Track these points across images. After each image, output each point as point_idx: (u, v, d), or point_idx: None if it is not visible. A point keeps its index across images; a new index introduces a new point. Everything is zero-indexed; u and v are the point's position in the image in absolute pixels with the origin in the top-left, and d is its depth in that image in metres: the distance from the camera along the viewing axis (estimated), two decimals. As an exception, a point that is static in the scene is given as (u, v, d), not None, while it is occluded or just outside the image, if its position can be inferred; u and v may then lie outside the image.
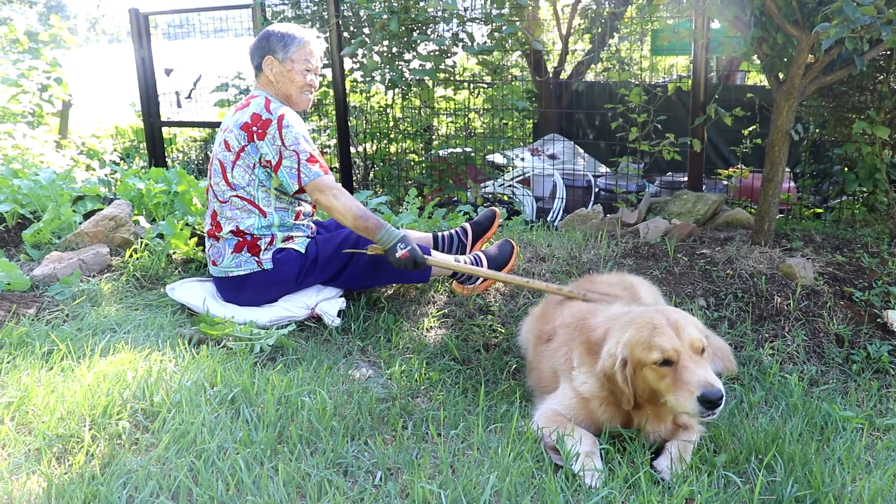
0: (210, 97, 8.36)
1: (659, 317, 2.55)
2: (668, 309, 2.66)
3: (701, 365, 2.44)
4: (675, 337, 2.47)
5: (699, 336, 2.49)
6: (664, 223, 4.73)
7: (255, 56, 3.67)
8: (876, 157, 4.57)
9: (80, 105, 11.93)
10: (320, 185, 3.50)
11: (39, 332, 3.23)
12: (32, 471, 2.24)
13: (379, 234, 3.46)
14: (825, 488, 2.29)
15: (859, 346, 3.54)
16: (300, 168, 3.48)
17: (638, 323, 2.56)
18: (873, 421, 2.89)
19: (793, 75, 4.01)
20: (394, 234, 3.47)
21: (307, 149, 3.50)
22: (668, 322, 2.52)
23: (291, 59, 3.63)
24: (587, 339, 2.74)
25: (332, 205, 3.48)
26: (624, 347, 2.52)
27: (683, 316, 2.58)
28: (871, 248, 4.29)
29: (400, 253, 3.44)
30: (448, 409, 2.83)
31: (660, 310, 2.63)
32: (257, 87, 3.71)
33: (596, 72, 9.53)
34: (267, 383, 2.81)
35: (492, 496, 2.20)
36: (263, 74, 3.66)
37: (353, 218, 3.47)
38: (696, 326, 2.55)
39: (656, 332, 2.49)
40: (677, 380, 2.42)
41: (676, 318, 2.53)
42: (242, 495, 2.15)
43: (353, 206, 3.48)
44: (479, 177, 7.46)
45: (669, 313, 2.58)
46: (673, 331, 2.49)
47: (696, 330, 2.52)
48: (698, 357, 2.46)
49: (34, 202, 4.74)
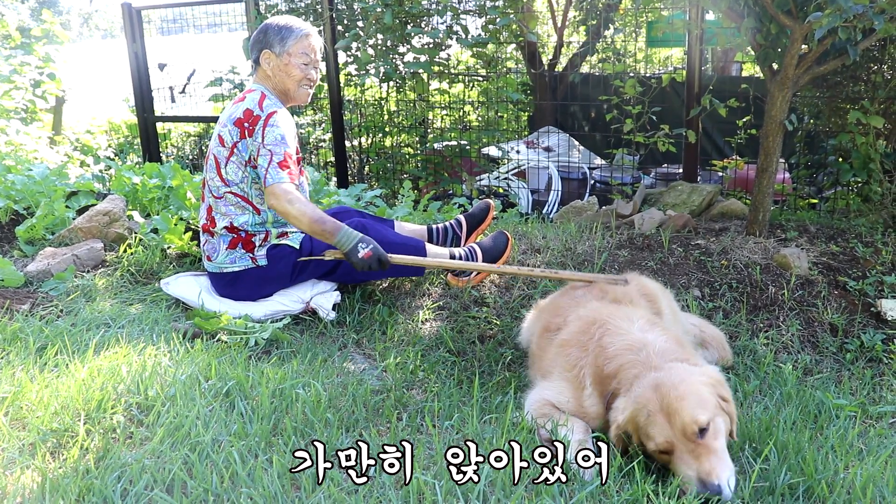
0: (204, 92, 8.34)
1: (654, 399, 2.34)
2: (668, 381, 2.37)
3: (696, 454, 2.25)
4: (666, 426, 2.29)
5: (693, 419, 2.26)
6: (659, 214, 4.73)
7: (252, 49, 3.63)
8: (870, 147, 4.57)
9: (74, 101, 11.90)
10: (276, 190, 3.38)
11: (33, 328, 3.22)
12: (27, 465, 2.23)
13: (337, 236, 3.37)
14: (818, 475, 2.29)
15: (853, 335, 3.55)
16: (268, 168, 3.41)
17: (638, 403, 2.37)
18: (866, 409, 2.91)
19: (787, 65, 4.01)
20: (353, 236, 3.37)
21: (282, 152, 3.44)
22: (660, 406, 2.31)
23: (289, 52, 3.57)
24: (601, 367, 2.59)
25: (287, 210, 3.37)
26: (626, 423, 2.40)
27: (681, 390, 2.34)
28: (866, 238, 4.29)
29: (362, 252, 3.34)
30: (443, 400, 2.83)
31: (658, 384, 2.38)
32: (255, 81, 3.68)
33: (591, 64, 9.52)
34: (261, 376, 2.81)
35: (486, 486, 2.21)
36: (261, 69, 3.62)
37: (310, 222, 3.36)
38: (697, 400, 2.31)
39: (650, 421, 2.32)
40: (676, 469, 2.29)
41: (671, 399, 2.31)
42: (237, 487, 2.16)
43: (307, 211, 3.36)
44: (475, 170, 7.46)
45: (665, 390, 2.34)
46: (665, 418, 2.30)
47: (692, 409, 2.28)
48: (693, 445, 2.26)
49: (27, 198, 4.73)
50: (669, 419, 2.29)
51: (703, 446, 2.25)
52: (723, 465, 2.23)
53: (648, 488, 2.19)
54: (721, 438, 2.30)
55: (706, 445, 2.25)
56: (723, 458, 2.25)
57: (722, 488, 2.18)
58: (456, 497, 2.14)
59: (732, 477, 2.23)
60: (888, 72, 4.78)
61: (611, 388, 2.52)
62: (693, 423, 2.26)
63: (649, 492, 2.18)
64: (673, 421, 2.28)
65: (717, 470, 2.21)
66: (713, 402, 2.34)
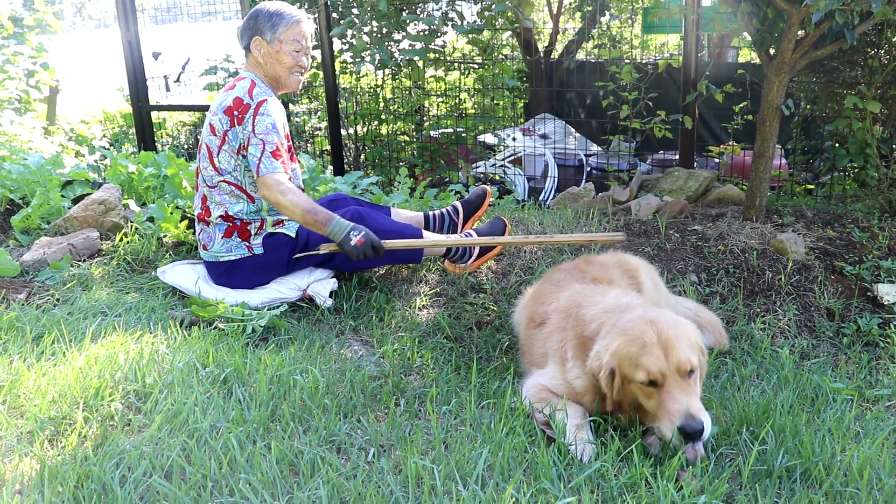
0: (199, 81, 8.30)
1: (650, 332, 2.41)
2: (662, 319, 2.47)
3: (686, 391, 2.34)
4: (662, 358, 2.35)
5: (688, 358, 2.36)
6: (656, 200, 4.73)
7: (243, 36, 3.59)
8: (867, 132, 4.56)
9: (68, 91, 11.84)
10: (268, 180, 3.37)
11: (30, 317, 3.22)
12: (25, 453, 2.24)
13: (329, 226, 3.36)
14: (815, 458, 2.30)
15: (850, 319, 3.56)
16: (261, 158, 3.39)
17: (629, 334, 2.44)
18: (863, 392, 2.91)
19: (783, 50, 4.00)
20: (344, 225, 3.36)
21: (275, 141, 3.42)
22: (658, 339, 2.38)
23: (280, 39, 3.53)
24: (580, 333, 2.65)
25: (280, 201, 3.36)
26: (612, 357, 2.43)
27: (677, 329, 2.44)
28: (862, 223, 4.30)
29: (355, 240, 3.33)
30: (440, 386, 2.84)
31: (653, 320, 2.46)
32: (246, 69, 3.65)
33: (587, 50, 9.49)
34: (259, 363, 2.82)
35: (484, 471, 2.21)
36: (252, 55, 3.59)
37: (302, 213, 3.35)
38: (688, 342, 2.42)
39: (644, 351, 2.37)
40: (661, 404, 2.35)
41: (668, 335, 2.39)
42: (235, 473, 2.16)
43: (300, 202, 3.36)
44: (471, 157, 7.45)
45: (662, 327, 2.42)
46: (661, 350, 2.36)
47: (686, 349, 2.38)
48: (684, 382, 2.35)
49: (23, 187, 4.71)
50: (666, 353, 2.37)
51: (690, 386, 2.37)
52: (702, 408, 2.35)
53: (647, 472, 2.20)
54: (700, 385, 2.45)
55: (691, 386, 2.38)
56: (699, 401, 2.38)
57: (706, 427, 2.29)
58: (454, 481, 2.15)
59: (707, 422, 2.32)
60: (885, 56, 4.77)
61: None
62: (687, 362, 2.37)
63: (647, 475, 2.19)
64: (669, 355, 2.36)
65: (700, 410, 2.32)
66: (699, 349, 2.47)
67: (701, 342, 2.50)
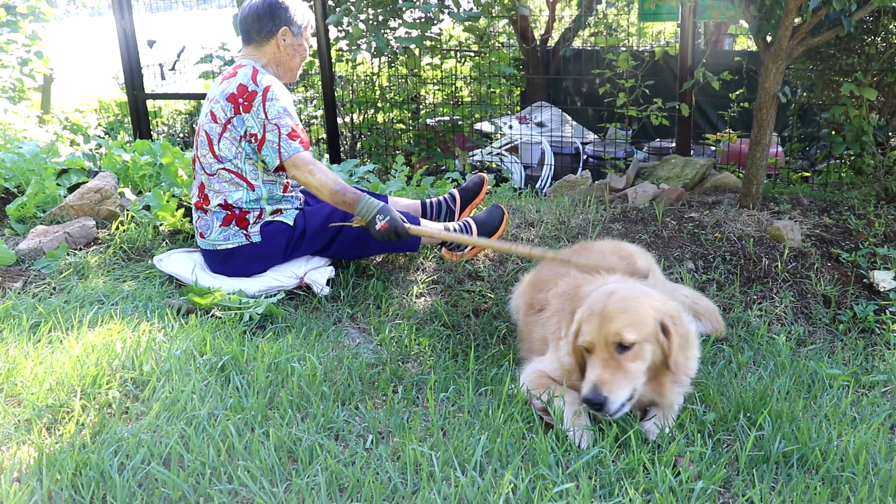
0: (194, 69, 8.27)
1: (601, 302, 2.44)
2: (621, 293, 2.49)
3: (606, 364, 2.36)
4: (596, 328, 2.39)
5: (617, 332, 2.35)
6: (653, 188, 4.73)
7: (265, 23, 3.55)
8: (863, 119, 4.56)
9: (62, 79, 11.79)
10: (296, 161, 3.43)
11: (26, 305, 3.21)
12: (23, 441, 2.23)
13: (358, 206, 3.42)
14: (812, 443, 2.31)
15: (846, 306, 3.57)
16: (280, 143, 3.42)
17: (589, 303, 2.49)
18: (859, 378, 2.92)
19: (781, 37, 3.99)
20: (372, 206, 3.42)
21: (289, 123, 3.45)
22: (602, 309, 2.41)
23: (304, 32, 3.64)
24: (573, 309, 2.66)
25: (308, 180, 3.42)
26: (575, 323, 2.49)
27: (626, 304, 2.42)
28: (858, 210, 4.30)
29: (380, 224, 3.39)
30: (438, 373, 2.84)
31: (612, 291, 2.49)
32: (245, 56, 3.63)
33: (583, 38, 9.46)
34: (257, 351, 2.81)
35: (483, 457, 2.22)
36: (270, 44, 3.58)
37: (331, 193, 3.41)
38: (632, 318, 2.38)
39: (588, 318, 2.42)
40: (586, 371, 2.41)
41: (612, 308, 2.40)
42: (234, 460, 2.16)
43: (329, 181, 3.41)
44: (467, 145, 7.44)
45: (613, 299, 2.44)
46: (599, 320, 2.39)
47: (622, 324, 2.36)
48: (608, 354, 2.36)
49: (18, 176, 4.69)
50: (601, 323, 2.38)
51: (617, 361, 2.36)
52: (622, 386, 2.33)
53: (644, 457, 2.21)
54: (639, 364, 2.38)
55: (619, 361, 2.36)
56: (629, 380, 2.35)
57: (608, 403, 2.30)
58: (453, 468, 2.15)
59: (626, 402, 2.34)
60: (882, 44, 4.77)
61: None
62: (616, 336, 2.35)
63: (645, 461, 2.20)
64: (603, 326, 2.37)
65: (612, 385, 2.32)
66: (650, 329, 2.40)
67: (669, 324, 2.42)
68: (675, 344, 2.41)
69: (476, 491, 2.04)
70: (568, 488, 2.08)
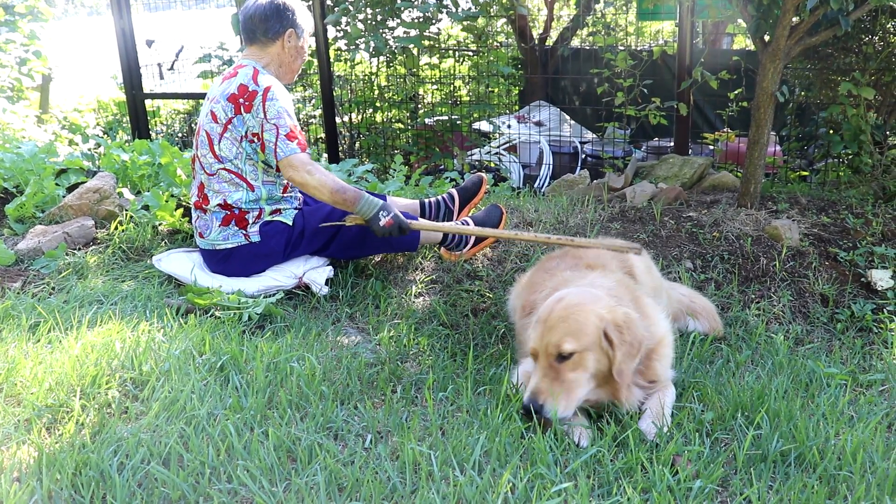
0: (193, 69, 8.27)
1: (547, 309, 2.48)
2: (567, 300, 2.51)
3: (545, 373, 2.39)
4: (538, 336, 2.44)
5: (557, 343, 2.39)
6: (651, 187, 4.73)
7: (272, 24, 3.57)
8: (861, 118, 4.57)
9: (61, 79, 11.79)
10: (293, 161, 3.42)
11: (25, 305, 3.21)
12: (23, 441, 2.24)
13: (359, 205, 3.43)
14: (809, 442, 2.32)
15: (844, 305, 3.58)
16: (277, 143, 3.42)
17: (542, 307, 2.54)
18: (856, 377, 2.93)
19: (778, 36, 4.00)
20: (374, 203, 3.44)
21: (288, 123, 3.45)
22: (546, 318, 2.45)
23: (304, 36, 3.68)
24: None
25: (306, 181, 3.41)
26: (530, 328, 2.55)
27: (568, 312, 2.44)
28: (856, 210, 4.31)
29: (384, 221, 3.42)
30: (437, 372, 2.85)
31: (560, 298, 2.52)
32: (247, 56, 3.63)
33: (581, 37, 9.47)
34: (256, 350, 2.82)
35: (481, 456, 2.23)
36: (276, 44, 3.60)
37: (331, 192, 3.41)
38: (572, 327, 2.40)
39: (535, 325, 2.48)
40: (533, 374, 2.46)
41: (555, 317, 2.44)
42: (233, 460, 2.17)
43: (328, 181, 3.42)
44: (466, 144, 7.44)
45: (559, 307, 2.47)
46: (542, 328, 2.44)
47: (561, 334, 2.39)
48: (546, 363, 2.40)
49: (16, 176, 4.69)
50: (543, 332, 2.42)
51: (556, 370, 2.39)
52: (559, 394, 2.36)
53: (643, 457, 2.21)
54: (581, 373, 2.41)
55: (559, 371, 2.39)
56: (567, 389, 2.38)
57: (545, 412, 2.35)
58: (452, 467, 2.16)
59: (564, 409, 2.37)
60: (879, 43, 4.77)
61: None
62: (555, 347, 2.39)
63: (643, 460, 2.21)
64: (545, 335, 2.41)
65: (548, 395, 2.36)
66: (592, 338, 2.41)
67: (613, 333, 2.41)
68: (620, 353, 2.42)
69: (475, 490, 2.05)
70: (566, 487, 2.08)
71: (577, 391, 2.41)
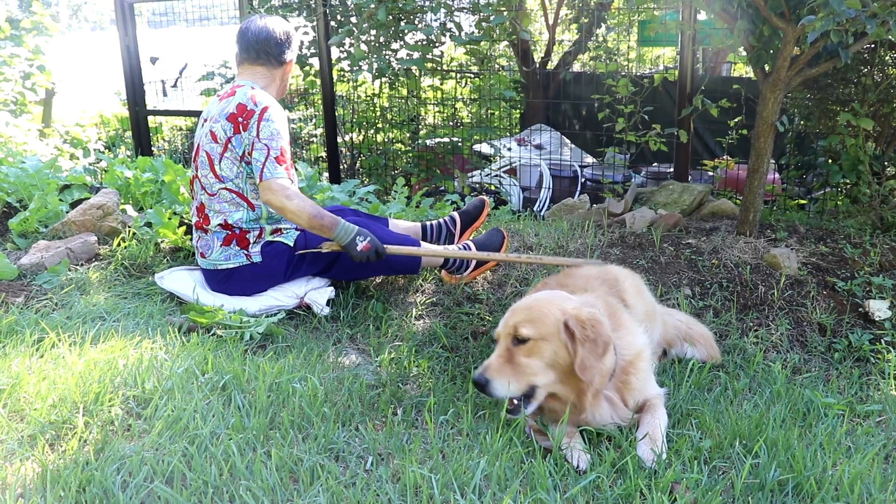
0: (196, 86, 8.32)
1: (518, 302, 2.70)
2: (540, 297, 2.70)
3: (499, 353, 2.55)
4: (503, 321, 2.61)
5: (514, 325, 2.54)
6: (650, 213, 4.77)
7: (284, 48, 3.66)
8: (859, 149, 4.62)
9: (64, 93, 11.83)
10: (272, 185, 3.40)
11: (29, 321, 3.22)
12: (26, 457, 2.25)
13: (336, 230, 3.43)
14: (807, 472, 2.34)
15: (841, 335, 3.60)
16: (265, 163, 3.43)
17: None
18: (854, 407, 2.95)
19: (779, 67, 4.05)
20: (350, 230, 3.44)
21: (279, 147, 3.46)
22: (514, 307, 2.65)
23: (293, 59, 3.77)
24: None
25: (285, 205, 3.39)
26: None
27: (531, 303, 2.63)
28: (854, 239, 4.35)
29: (361, 245, 3.43)
30: (437, 395, 2.86)
31: (535, 296, 2.72)
32: (244, 77, 3.67)
33: (583, 62, 9.56)
34: (258, 370, 2.83)
35: (482, 480, 2.24)
36: (282, 67, 3.69)
37: (308, 218, 3.40)
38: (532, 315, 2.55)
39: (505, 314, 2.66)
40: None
41: (521, 307, 2.63)
42: (236, 480, 2.18)
43: (306, 207, 3.40)
44: (466, 166, 7.49)
45: (528, 300, 2.68)
46: (506, 315, 2.62)
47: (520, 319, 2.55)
48: (504, 346, 2.55)
49: (20, 190, 4.72)
50: (508, 317, 2.60)
51: (512, 353, 2.53)
52: (509, 375, 2.50)
53: (641, 483, 2.23)
54: (535, 360, 2.52)
55: (513, 353, 2.53)
56: (518, 372, 2.51)
57: (491, 387, 2.49)
58: (452, 490, 2.17)
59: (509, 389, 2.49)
60: (878, 74, 4.84)
61: None
62: (513, 328, 2.54)
63: (642, 487, 2.22)
64: (508, 319, 2.59)
65: (498, 373, 2.50)
66: (550, 329, 2.52)
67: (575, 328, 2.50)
68: (582, 348, 2.48)
69: (475, 514, 2.06)
70: (566, 513, 2.10)
71: (529, 376, 2.51)
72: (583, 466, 2.34)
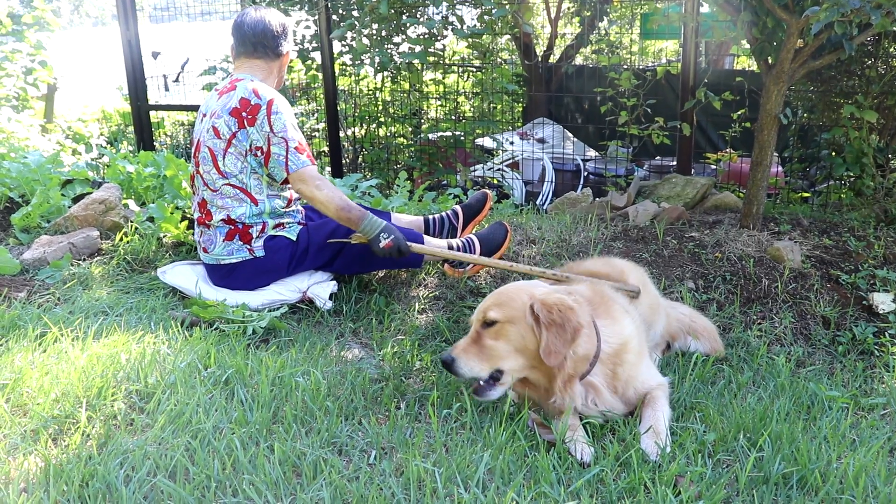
0: (197, 81, 8.31)
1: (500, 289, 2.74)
2: (517, 285, 2.75)
3: (469, 336, 2.62)
4: (478, 308, 2.67)
5: (483, 309, 2.61)
6: (653, 206, 4.76)
7: (281, 40, 3.67)
8: (863, 141, 4.60)
9: (66, 89, 11.84)
10: (304, 175, 3.48)
11: (31, 315, 3.22)
12: (29, 451, 2.25)
13: (362, 224, 3.46)
14: (811, 465, 2.33)
15: (845, 327, 3.59)
16: (288, 156, 3.47)
17: None
18: (858, 400, 2.94)
19: (782, 59, 4.03)
20: (376, 224, 3.47)
21: (295, 136, 3.50)
22: (489, 295, 2.70)
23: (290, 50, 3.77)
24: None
25: (315, 195, 3.46)
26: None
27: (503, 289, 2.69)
28: (858, 232, 4.33)
29: (384, 242, 3.45)
30: (440, 389, 2.86)
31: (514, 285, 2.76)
32: (242, 70, 3.65)
33: (585, 55, 9.53)
34: (260, 364, 2.83)
35: (485, 474, 2.24)
36: (280, 59, 3.69)
37: (336, 209, 3.46)
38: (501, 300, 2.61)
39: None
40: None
41: (492, 294, 2.69)
42: (239, 474, 2.18)
43: (335, 197, 3.47)
44: (469, 160, 7.47)
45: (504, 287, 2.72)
46: (484, 301, 2.67)
47: (489, 304, 2.62)
48: (474, 330, 2.61)
49: (22, 185, 4.72)
50: (482, 304, 2.67)
51: (480, 336, 2.59)
52: (475, 357, 2.56)
53: (645, 476, 2.22)
54: (501, 342, 2.57)
55: (481, 336, 2.59)
56: (485, 354, 2.57)
57: (456, 366, 2.56)
58: (456, 484, 2.17)
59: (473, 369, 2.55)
60: (882, 67, 4.81)
61: None
62: (481, 312, 2.62)
63: (646, 480, 2.22)
64: (481, 305, 2.67)
65: (463, 352, 2.58)
66: (516, 312, 2.57)
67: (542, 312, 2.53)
68: (547, 332, 2.50)
69: (479, 508, 2.06)
70: (570, 506, 2.09)
71: (495, 359, 2.56)
72: (586, 459, 2.34)
